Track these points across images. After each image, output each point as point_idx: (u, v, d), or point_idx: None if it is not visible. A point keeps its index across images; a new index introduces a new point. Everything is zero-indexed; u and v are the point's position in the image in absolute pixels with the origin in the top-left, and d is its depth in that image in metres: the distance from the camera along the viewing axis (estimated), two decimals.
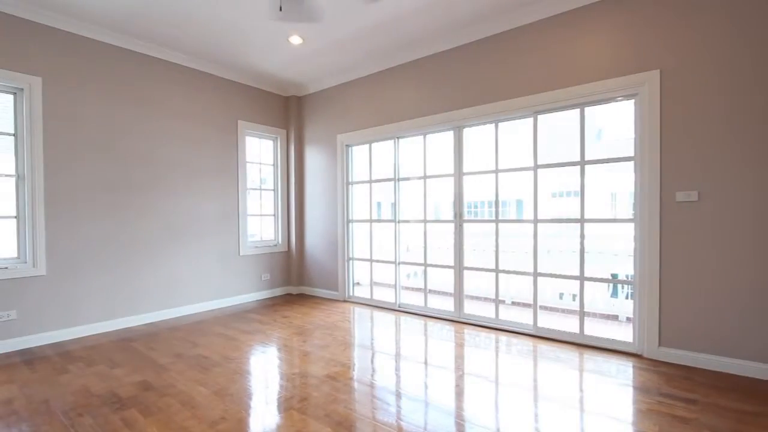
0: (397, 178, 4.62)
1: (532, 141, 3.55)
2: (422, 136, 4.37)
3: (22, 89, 3.34)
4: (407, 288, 6.10)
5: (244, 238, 5.02)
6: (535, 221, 3.55)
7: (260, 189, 5.48)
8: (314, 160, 5.42)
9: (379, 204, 5.16)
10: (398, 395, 2.42)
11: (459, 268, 4.06)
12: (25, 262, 3.35)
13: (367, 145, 4.92)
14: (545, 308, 4.96)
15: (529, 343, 3.35)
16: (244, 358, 3.07)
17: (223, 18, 3.55)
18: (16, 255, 3.35)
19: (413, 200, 5.16)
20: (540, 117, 3.52)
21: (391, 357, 3.06)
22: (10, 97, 3.34)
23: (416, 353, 3.14)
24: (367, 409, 2.25)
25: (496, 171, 3.79)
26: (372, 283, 4.95)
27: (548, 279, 3.79)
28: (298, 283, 5.59)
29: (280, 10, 2.46)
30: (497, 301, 3.87)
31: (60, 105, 3.53)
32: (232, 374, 2.75)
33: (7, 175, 3.33)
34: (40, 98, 3.41)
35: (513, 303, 5.29)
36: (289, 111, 5.56)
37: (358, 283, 5.41)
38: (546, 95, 3.40)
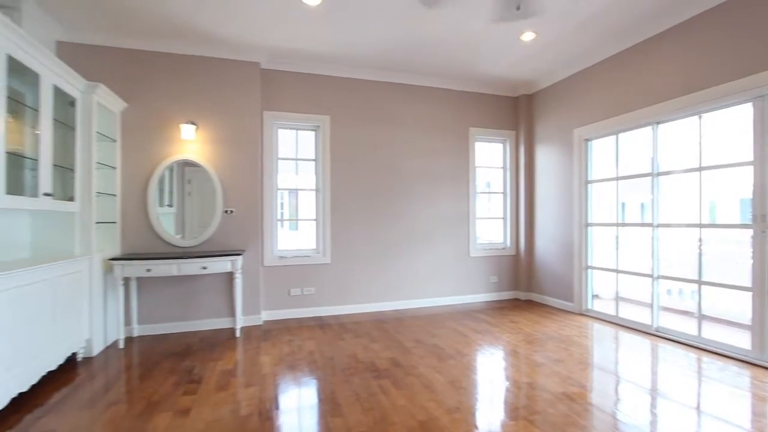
0: (655, 172, 3.79)
1: None
2: (696, 117, 3.42)
3: (319, 126, 4.58)
4: (668, 309, 4.88)
5: (473, 240, 5.23)
6: None
7: (489, 192, 5.58)
8: (546, 159, 5.09)
9: (623, 205, 4.34)
10: None
11: (762, 291, 2.95)
12: (319, 253, 4.59)
13: (611, 137, 4.25)
14: None
15: None
16: (474, 355, 3.21)
17: (457, 35, 3.82)
18: (314, 247, 4.64)
19: (676, 199, 4.10)
20: None
21: (644, 390, 2.53)
22: (312, 133, 4.65)
23: (683, 394, 2.48)
24: None
25: None
26: (617, 298, 4.23)
27: None
28: (527, 289, 5.37)
29: (518, 9, 2.42)
30: None
31: (340, 134, 4.65)
32: (464, 369, 2.91)
33: (311, 190, 4.66)
34: (329, 131, 4.59)
35: None
36: (518, 111, 5.44)
37: (596, 296, 4.73)
38: None
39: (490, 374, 2.82)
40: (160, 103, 3.92)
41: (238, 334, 3.82)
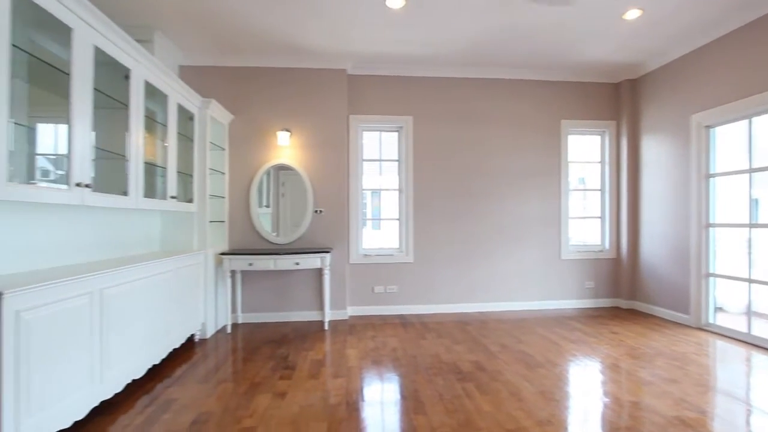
0: None
1: None
2: None
3: (402, 127, 4.65)
4: None
5: (565, 241, 4.85)
6: None
7: (584, 189, 5.13)
8: (654, 150, 4.51)
9: (756, 202, 3.65)
10: None
11: None
12: (402, 252, 4.66)
13: (742, 122, 3.61)
14: None
15: None
16: (567, 366, 2.97)
17: (550, 22, 3.58)
18: (397, 246, 4.72)
19: None
20: None
21: None
22: (395, 133, 4.73)
23: None
24: None
25: None
26: (750, 312, 3.58)
27: None
28: (630, 297, 4.82)
29: None
30: None
31: (422, 134, 4.66)
32: (556, 379, 2.72)
33: (394, 190, 4.75)
34: (412, 131, 4.63)
35: None
36: (620, 99, 4.90)
37: (720, 308, 4.06)
38: None
39: (587, 388, 2.59)
40: (260, 114, 4.33)
41: (326, 327, 4.05)
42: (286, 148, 4.34)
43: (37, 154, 2.27)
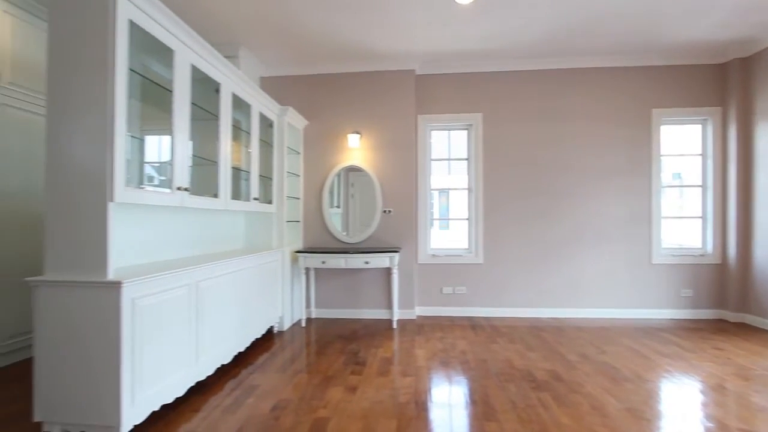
0: None
1: None
2: None
3: (471, 125, 4.54)
4: None
5: (656, 243, 4.36)
6: None
7: (680, 186, 4.57)
8: None
9: None
10: None
11: None
12: (471, 252, 4.55)
13: None
14: None
15: None
16: (660, 382, 2.68)
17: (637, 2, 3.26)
18: (467, 246, 4.62)
19: None
20: None
21: None
22: (464, 132, 4.63)
23: None
24: None
25: None
26: None
27: None
28: (739, 309, 4.19)
29: None
30: None
31: (493, 131, 4.51)
32: (646, 396, 2.47)
33: (463, 189, 4.66)
34: (481, 129, 4.51)
35: None
36: (727, 81, 4.28)
37: None
38: None
39: (684, 409, 2.31)
40: (332, 118, 4.52)
41: (394, 325, 4.10)
42: (356, 150, 4.48)
43: (146, 162, 2.60)
